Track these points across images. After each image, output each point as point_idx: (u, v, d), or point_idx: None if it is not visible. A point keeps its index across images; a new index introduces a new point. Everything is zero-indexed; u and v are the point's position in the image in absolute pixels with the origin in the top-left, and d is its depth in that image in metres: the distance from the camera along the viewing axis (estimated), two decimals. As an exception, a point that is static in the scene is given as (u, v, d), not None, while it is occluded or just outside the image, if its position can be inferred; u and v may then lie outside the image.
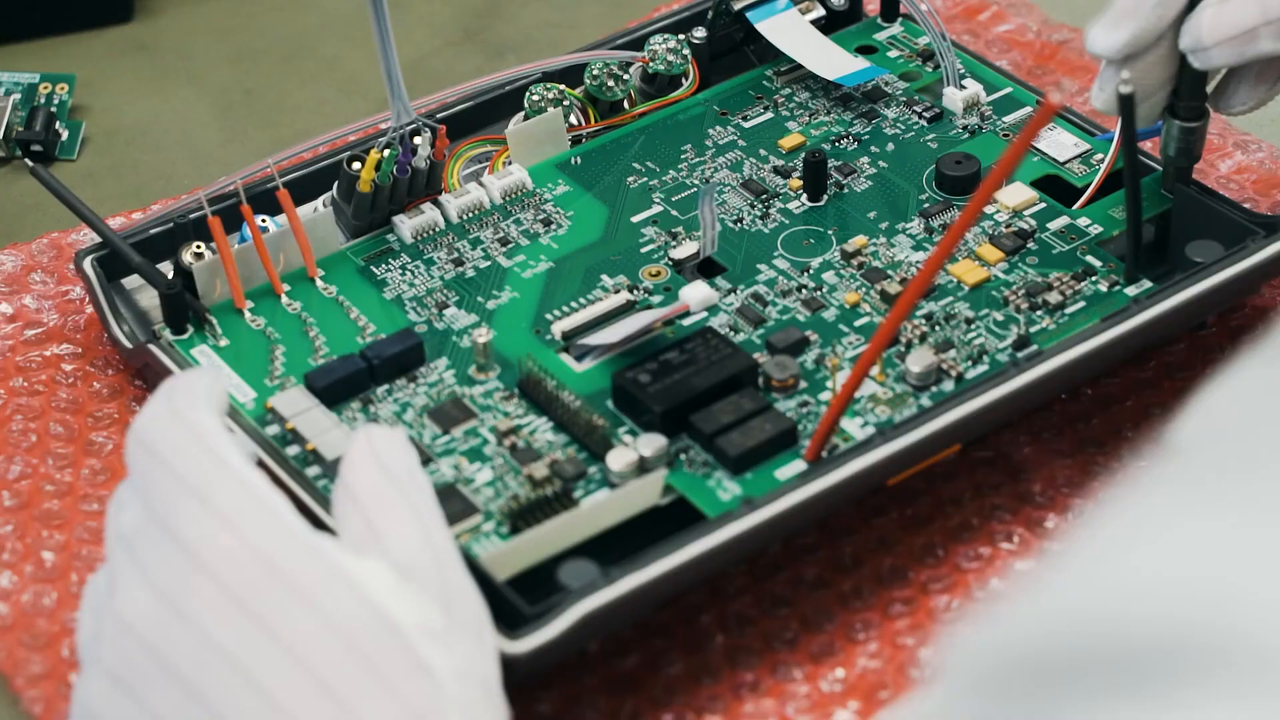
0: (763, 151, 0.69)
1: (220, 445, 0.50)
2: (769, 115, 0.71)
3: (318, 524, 0.54)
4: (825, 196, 0.67)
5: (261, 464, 0.57)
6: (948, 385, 0.60)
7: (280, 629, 0.47)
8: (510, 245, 0.66)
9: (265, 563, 0.47)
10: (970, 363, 0.61)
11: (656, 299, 0.64)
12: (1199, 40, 0.59)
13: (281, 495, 0.49)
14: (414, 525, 0.50)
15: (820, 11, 0.74)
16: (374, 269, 0.66)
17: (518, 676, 0.52)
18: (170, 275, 0.64)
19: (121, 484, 0.52)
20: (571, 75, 0.70)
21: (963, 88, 0.70)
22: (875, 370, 0.60)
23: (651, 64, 0.71)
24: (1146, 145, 0.67)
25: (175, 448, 0.50)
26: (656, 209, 0.67)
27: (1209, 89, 0.63)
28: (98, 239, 0.65)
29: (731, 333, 0.62)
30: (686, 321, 0.63)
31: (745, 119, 0.71)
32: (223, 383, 0.53)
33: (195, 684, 0.47)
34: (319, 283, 0.65)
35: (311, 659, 0.46)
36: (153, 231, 0.65)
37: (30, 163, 0.66)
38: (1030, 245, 0.64)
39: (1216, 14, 0.58)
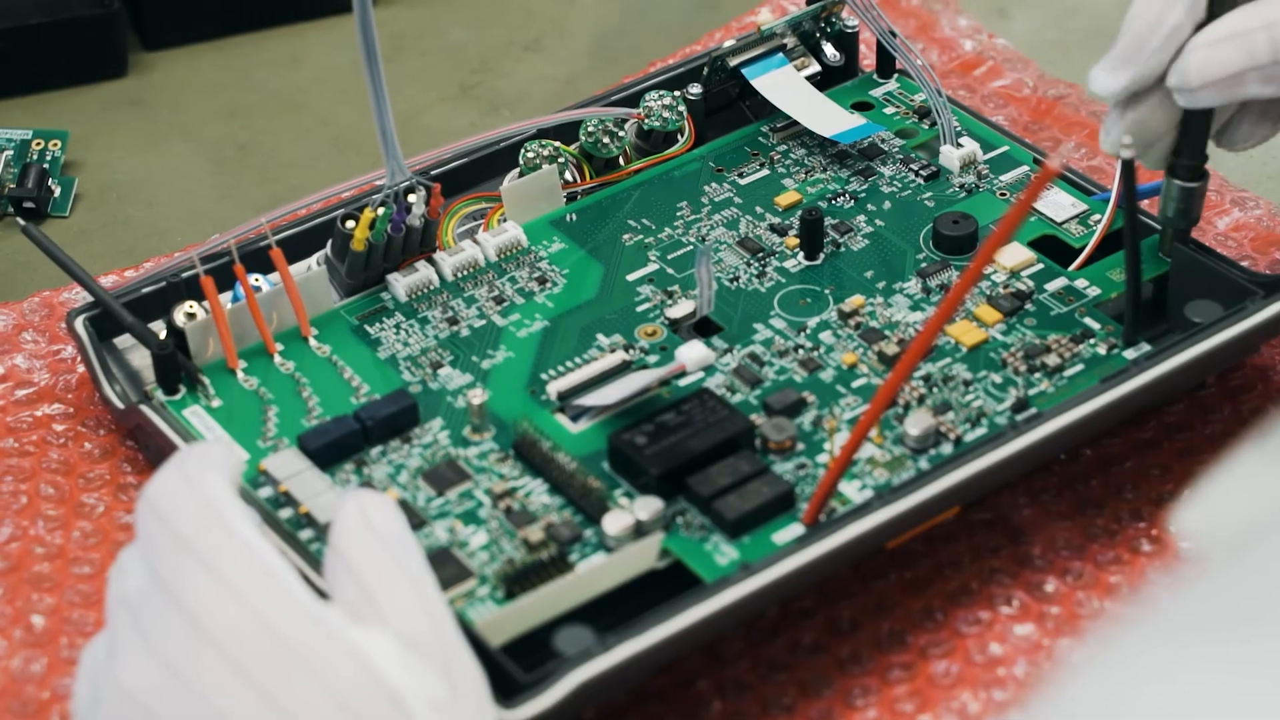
0: (759, 209, 0.69)
1: (230, 514, 0.49)
2: (765, 172, 0.71)
3: (312, 589, 0.53)
4: (822, 255, 0.67)
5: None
6: (946, 448, 0.60)
7: (283, 699, 0.46)
8: (505, 304, 0.66)
9: (270, 632, 0.47)
10: (969, 425, 0.60)
11: (653, 359, 0.64)
12: (1186, 81, 0.59)
13: (288, 565, 0.49)
14: (411, 594, 0.49)
15: (816, 67, 0.73)
16: (368, 328, 0.65)
17: (513, 745, 0.51)
18: (163, 335, 0.64)
19: (125, 549, 0.52)
20: (567, 132, 0.70)
21: (959, 145, 0.70)
22: (873, 433, 0.60)
23: (647, 120, 0.70)
24: (1143, 204, 0.66)
25: (184, 514, 0.49)
26: (652, 267, 0.67)
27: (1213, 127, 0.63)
28: (90, 298, 0.65)
29: (728, 393, 0.62)
30: (683, 382, 0.62)
31: (741, 176, 0.70)
32: (237, 454, 0.53)
33: None
34: (312, 342, 0.65)
35: None
36: (145, 290, 0.65)
37: (22, 221, 0.65)
38: (1028, 307, 0.64)
39: (1204, 57, 0.58)
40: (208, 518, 0.49)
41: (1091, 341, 0.63)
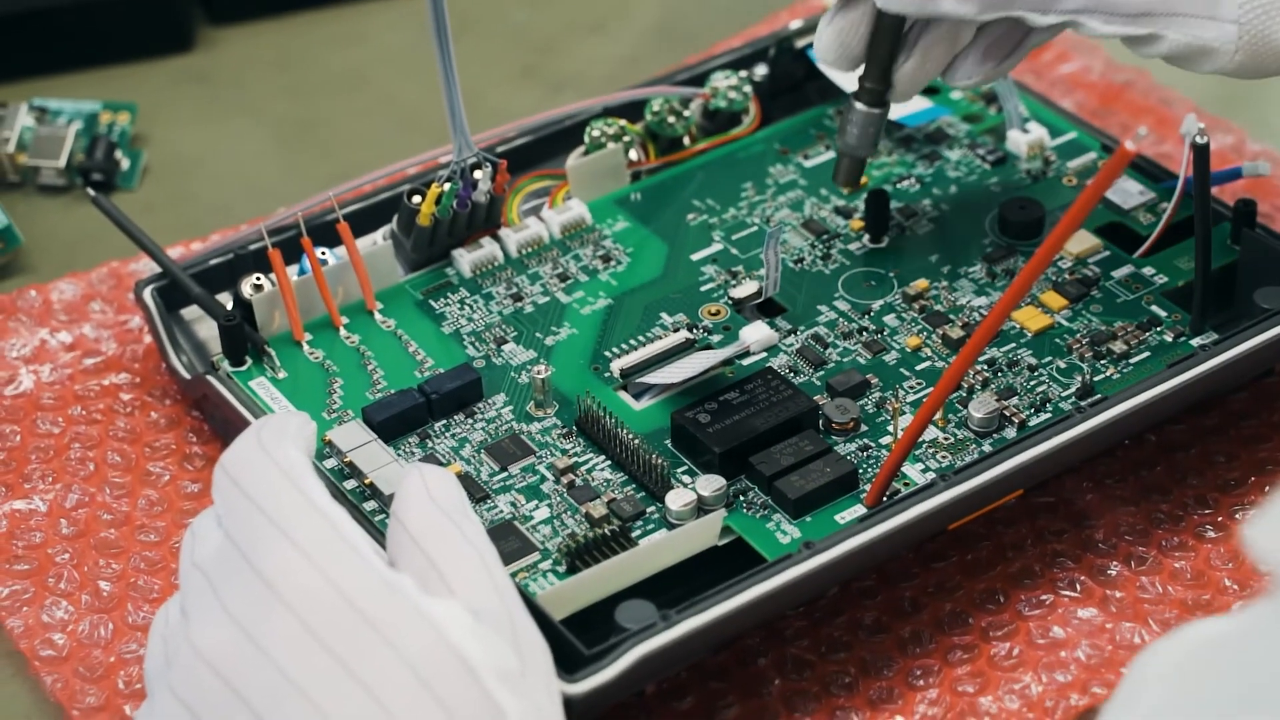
0: (824, 191, 0.69)
1: (306, 482, 0.50)
2: (830, 154, 0.71)
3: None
4: (887, 238, 0.67)
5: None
6: (1010, 432, 0.59)
7: (356, 665, 0.47)
8: (569, 281, 0.66)
9: (344, 598, 0.47)
10: (1033, 410, 0.60)
11: (716, 338, 0.64)
12: None
13: (363, 533, 0.49)
14: (478, 566, 0.50)
15: (882, 51, 0.73)
16: (432, 303, 0.65)
17: (574, 718, 0.51)
18: (229, 306, 0.64)
19: (200, 515, 0.52)
20: (632, 111, 0.70)
21: (1026, 131, 0.70)
22: (936, 416, 0.60)
23: (712, 101, 0.70)
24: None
25: (261, 482, 0.50)
26: (716, 247, 0.67)
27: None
28: (157, 269, 0.65)
29: (792, 374, 0.62)
30: (746, 361, 0.62)
31: (806, 157, 0.70)
32: (311, 426, 0.53)
33: (268, 717, 0.46)
34: (377, 316, 0.65)
35: (385, 697, 0.46)
36: (212, 262, 0.65)
37: (91, 191, 0.66)
38: (1094, 293, 0.64)
39: None
40: (284, 485, 0.50)
41: (1158, 329, 0.62)
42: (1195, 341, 0.62)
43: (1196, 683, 0.34)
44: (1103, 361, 0.62)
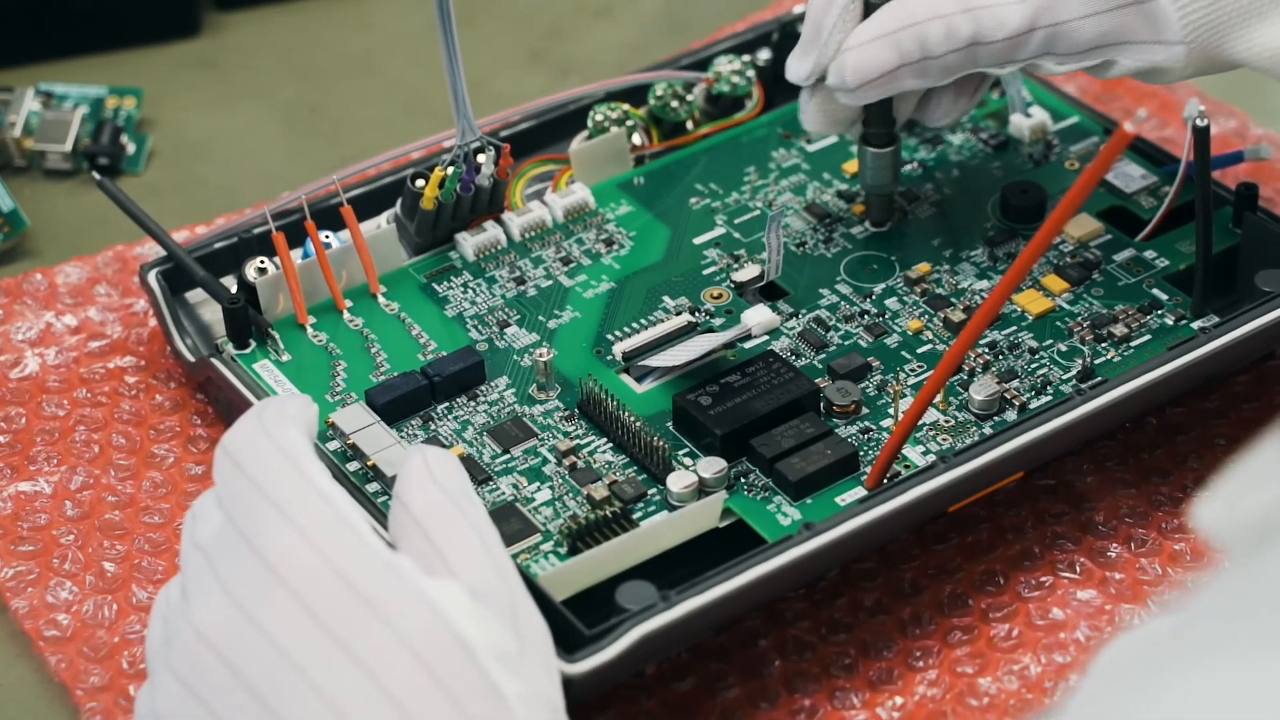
0: (826, 175, 0.69)
1: (306, 464, 0.50)
2: (833, 139, 0.71)
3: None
4: (889, 222, 0.67)
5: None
6: (1010, 415, 0.60)
7: (354, 646, 0.47)
8: (572, 265, 0.66)
9: (343, 579, 0.48)
10: (1033, 393, 0.60)
11: (718, 321, 0.64)
12: (844, 82, 0.61)
13: (363, 513, 0.49)
14: (479, 547, 0.50)
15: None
16: (436, 286, 0.66)
17: (574, 697, 0.51)
18: (234, 290, 0.64)
19: (201, 496, 0.52)
20: (636, 95, 0.71)
21: (1029, 115, 0.70)
22: (937, 399, 0.60)
23: (716, 85, 0.71)
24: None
25: (261, 462, 0.50)
26: (719, 231, 0.67)
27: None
28: (162, 252, 0.65)
29: (793, 357, 0.62)
30: (748, 345, 0.63)
31: (809, 142, 0.71)
32: (313, 407, 0.53)
33: (267, 697, 0.47)
34: (381, 299, 0.65)
35: (384, 677, 0.46)
36: (217, 246, 0.66)
37: (97, 175, 0.66)
38: (1096, 276, 0.64)
39: (857, 57, 0.60)
40: (284, 467, 0.50)
41: (1159, 312, 0.63)
42: (1196, 324, 0.62)
43: (1156, 676, 0.34)
44: (1104, 344, 0.62)
